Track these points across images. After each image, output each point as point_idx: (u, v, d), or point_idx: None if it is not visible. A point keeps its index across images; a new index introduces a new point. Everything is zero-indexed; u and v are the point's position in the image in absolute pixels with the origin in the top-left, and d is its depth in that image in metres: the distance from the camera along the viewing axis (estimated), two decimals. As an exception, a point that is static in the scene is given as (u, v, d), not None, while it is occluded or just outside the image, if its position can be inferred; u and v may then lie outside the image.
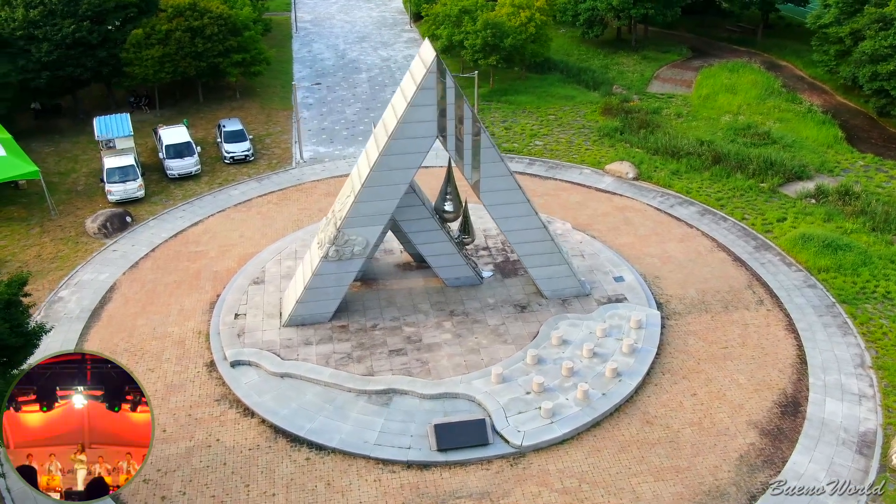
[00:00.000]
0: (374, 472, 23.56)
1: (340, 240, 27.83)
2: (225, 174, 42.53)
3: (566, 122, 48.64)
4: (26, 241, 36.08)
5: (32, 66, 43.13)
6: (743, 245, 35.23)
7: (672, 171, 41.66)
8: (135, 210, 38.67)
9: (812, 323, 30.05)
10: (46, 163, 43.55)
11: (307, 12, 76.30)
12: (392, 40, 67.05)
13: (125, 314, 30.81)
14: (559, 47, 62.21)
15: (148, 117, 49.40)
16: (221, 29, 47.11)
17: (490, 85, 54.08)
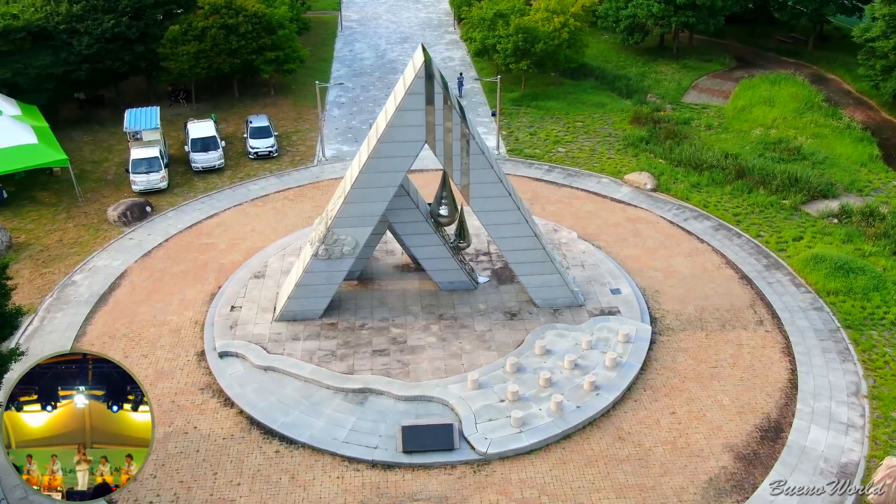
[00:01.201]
0: (338, 469, 23.95)
1: (330, 239, 28.32)
2: (248, 169, 43.62)
3: (593, 130, 48.17)
4: (52, 226, 37.77)
5: (73, 58, 45.04)
6: (753, 263, 34.36)
7: (692, 184, 40.87)
8: (157, 200, 40.04)
9: (811, 347, 29.15)
10: (83, 151, 45.48)
11: (355, 11, 77.35)
12: (434, 42, 67.43)
13: (130, 301, 31.99)
14: (598, 53, 61.63)
15: (185, 111, 51.01)
16: (256, 27, 48.27)
17: (521, 89, 53.93)
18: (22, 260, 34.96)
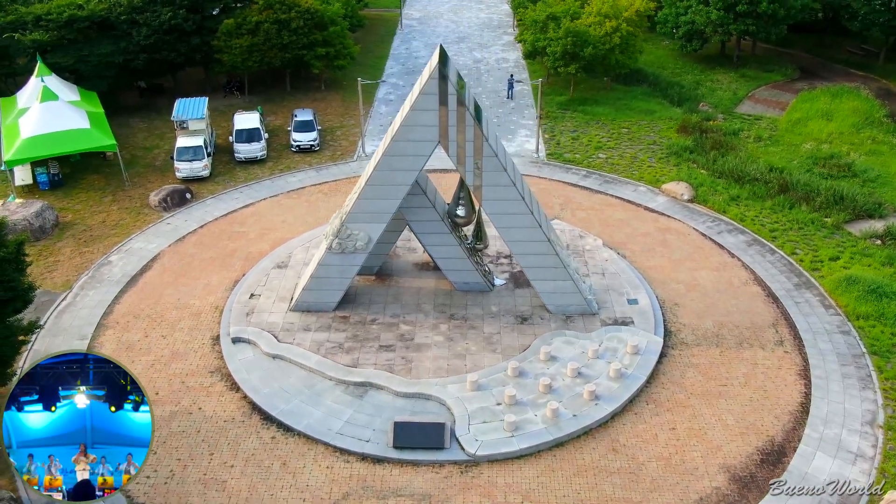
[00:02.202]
0: (329, 459, 24.41)
1: (343, 233, 28.82)
2: (288, 161, 44.65)
3: (637, 137, 47.41)
4: (97, 208, 39.55)
5: (133, 48, 46.99)
6: (783, 281, 33.28)
7: (732, 197, 39.80)
8: (198, 188, 41.43)
9: (831, 371, 28.09)
10: (136, 137, 47.43)
11: (418, 10, 78.05)
12: (491, 42, 67.48)
13: (158, 283, 33.25)
14: (655, 60, 60.58)
15: (237, 102, 52.53)
16: (307, 23, 49.32)
17: (570, 93, 53.48)
18: (65, 238, 36.74)
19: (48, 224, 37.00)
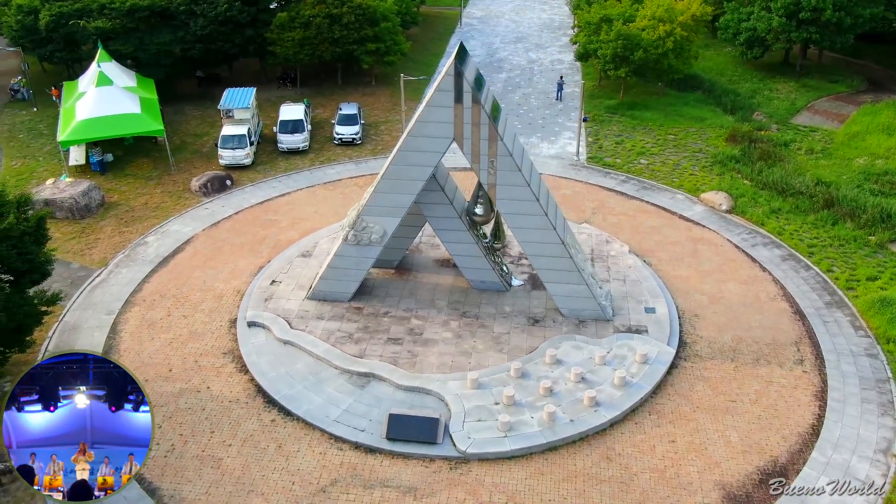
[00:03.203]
0: (323, 445, 24.83)
1: (359, 225, 29.23)
2: (330, 153, 45.45)
3: (683, 144, 46.41)
4: (142, 190, 41.15)
5: (189, 38, 48.67)
6: (814, 299, 32.10)
7: (772, 209, 38.57)
8: (239, 175, 42.62)
9: (849, 395, 26.97)
10: (189, 125, 49.09)
11: (480, 9, 78.21)
12: (548, 43, 67.08)
13: (188, 265, 34.39)
14: (714, 66, 59.15)
15: (289, 94, 53.76)
16: (359, 18, 50.09)
17: (620, 97, 52.70)
18: (108, 218, 38.38)
19: (94, 203, 38.70)
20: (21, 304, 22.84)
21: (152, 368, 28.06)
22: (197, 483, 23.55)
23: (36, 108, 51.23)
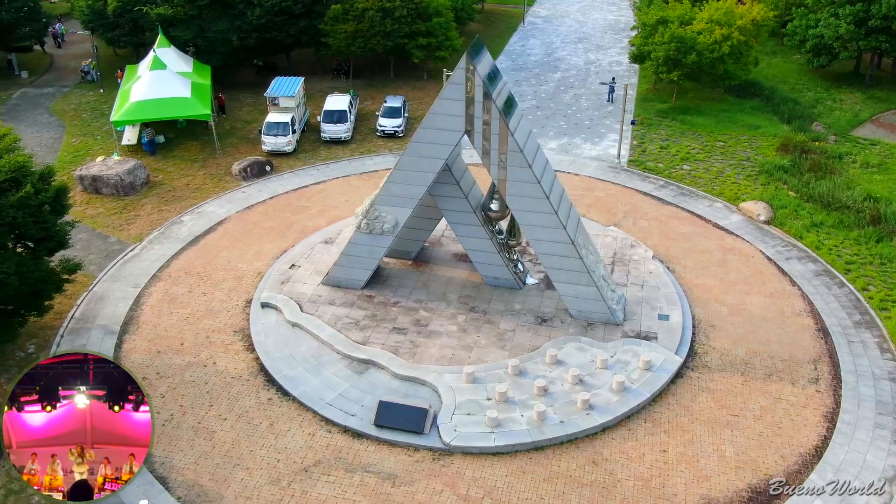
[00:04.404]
0: (313, 426, 25.29)
1: (371, 214, 29.59)
2: (371, 145, 46.06)
3: (731, 152, 45.03)
4: (186, 171, 42.66)
5: (246, 27, 50.10)
6: (842, 317, 30.72)
7: (814, 223, 37.05)
8: (280, 162, 43.68)
9: (862, 419, 25.72)
10: (241, 111, 50.58)
11: (547, 8, 77.69)
12: (609, 45, 66.09)
13: (216, 245, 35.50)
14: (778, 73, 57.16)
15: (342, 84, 54.73)
16: (411, 12, 50.53)
17: (672, 101, 51.51)
18: (150, 196, 39.97)
19: (138, 181, 40.36)
20: (34, 270, 24.09)
21: (166, 341, 29.13)
22: (188, 452, 24.35)
23: (102, 90, 53.75)
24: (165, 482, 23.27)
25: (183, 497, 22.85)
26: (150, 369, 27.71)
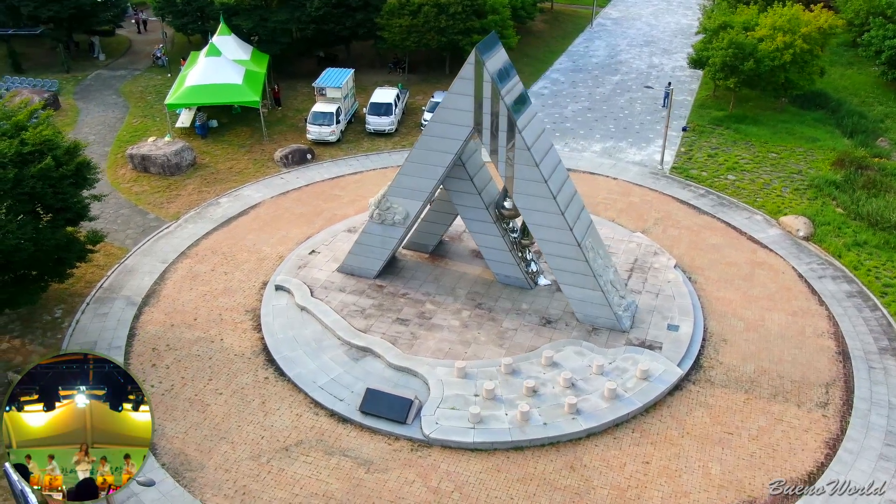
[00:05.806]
0: (302, 407, 25.87)
1: (383, 205, 29.96)
2: (414, 138, 46.35)
3: (782, 165, 43.31)
4: (232, 155, 44.14)
5: (304, 18, 51.34)
6: (868, 342, 29.21)
7: (857, 242, 35.28)
8: (323, 151, 44.65)
9: (867, 448, 24.43)
10: (295, 100, 51.89)
11: (618, 10, 76.39)
12: (676, 49, 64.49)
13: (246, 228, 36.64)
14: (850, 84, 54.61)
15: (397, 78, 55.40)
16: (466, 9, 50.65)
17: (729, 109, 49.88)
18: (194, 177, 41.56)
19: (184, 163, 42.02)
20: (49, 238, 25.52)
21: (181, 315, 30.32)
22: (181, 422, 25.34)
23: (170, 75, 56.09)
24: (154, 448, 24.25)
25: (167, 464, 23.80)
26: (161, 341, 28.93)
